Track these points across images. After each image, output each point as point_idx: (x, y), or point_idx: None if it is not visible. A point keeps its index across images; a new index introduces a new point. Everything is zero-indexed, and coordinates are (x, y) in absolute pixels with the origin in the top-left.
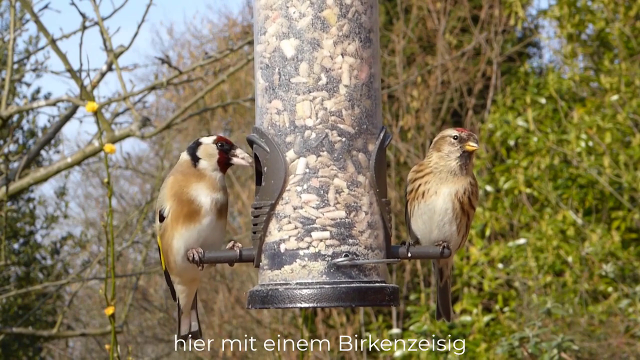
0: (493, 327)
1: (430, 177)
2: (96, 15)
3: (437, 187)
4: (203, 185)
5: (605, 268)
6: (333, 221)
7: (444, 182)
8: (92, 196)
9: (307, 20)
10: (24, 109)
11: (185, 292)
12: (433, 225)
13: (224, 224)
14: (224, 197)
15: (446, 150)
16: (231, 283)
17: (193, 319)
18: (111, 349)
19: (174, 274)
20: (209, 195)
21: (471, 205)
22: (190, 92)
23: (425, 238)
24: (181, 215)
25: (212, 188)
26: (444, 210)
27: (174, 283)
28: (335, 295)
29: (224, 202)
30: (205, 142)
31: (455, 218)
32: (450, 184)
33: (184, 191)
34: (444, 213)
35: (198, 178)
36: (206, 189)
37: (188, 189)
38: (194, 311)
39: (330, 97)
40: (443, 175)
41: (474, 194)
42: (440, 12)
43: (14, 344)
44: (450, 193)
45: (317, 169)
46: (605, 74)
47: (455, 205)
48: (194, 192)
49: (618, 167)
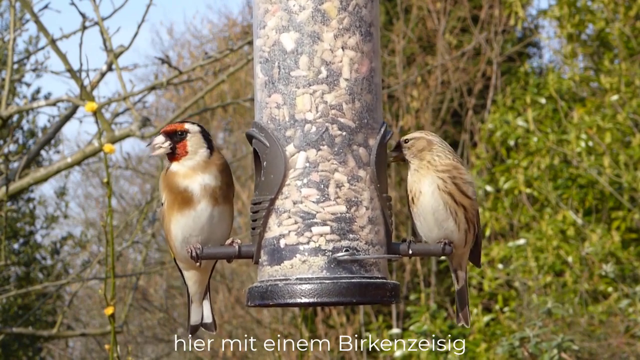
0: (493, 327)
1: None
2: (96, 15)
3: (417, 185)
4: (189, 173)
5: (605, 268)
6: (333, 216)
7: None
8: (92, 196)
9: (307, 13)
10: (24, 109)
11: (192, 280)
12: (431, 225)
13: (225, 211)
14: (217, 181)
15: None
16: (231, 283)
17: (206, 309)
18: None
19: (178, 259)
20: (195, 180)
21: (463, 193)
22: (190, 92)
23: (428, 238)
24: (175, 203)
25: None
26: (436, 208)
27: (182, 270)
28: (336, 291)
29: (216, 186)
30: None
31: (450, 213)
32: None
33: (174, 180)
34: (437, 211)
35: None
36: (192, 176)
37: (176, 177)
38: (206, 302)
39: (330, 90)
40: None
41: (457, 179)
42: (440, 12)
43: (14, 344)
44: (434, 190)
45: (318, 163)
46: (605, 74)
47: (445, 199)
48: (182, 181)
49: (618, 167)
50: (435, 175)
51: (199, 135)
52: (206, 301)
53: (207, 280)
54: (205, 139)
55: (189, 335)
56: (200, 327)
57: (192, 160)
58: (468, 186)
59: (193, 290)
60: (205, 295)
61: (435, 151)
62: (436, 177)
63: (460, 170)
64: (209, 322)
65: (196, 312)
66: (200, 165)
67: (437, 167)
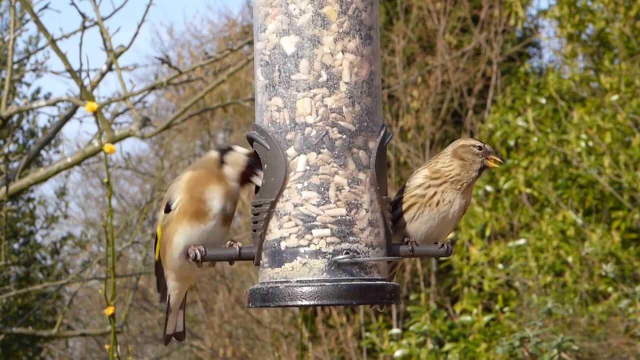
0: (493, 327)
1: (447, 187)
2: (96, 15)
3: (453, 197)
4: (220, 189)
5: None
6: (334, 219)
7: (460, 193)
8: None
9: (307, 17)
10: (24, 109)
11: (177, 290)
12: (435, 228)
13: (227, 231)
14: (233, 208)
15: (469, 160)
16: (231, 283)
17: (180, 318)
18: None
19: (168, 269)
20: (221, 201)
21: (465, 211)
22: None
23: (422, 239)
24: (189, 212)
25: (227, 195)
26: (454, 218)
27: (167, 279)
28: (336, 293)
29: (231, 213)
30: (238, 150)
31: (456, 223)
32: (465, 194)
33: (200, 189)
34: (452, 220)
35: (218, 181)
36: (221, 194)
37: (204, 187)
38: (181, 311)
39: (330, 94)
40: (459, 186)
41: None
42: (440, 12)
43: (14, 344)
44: (462, 204)
45: (318, 166)
46: (605, 74)
47: (462, 213)
48: (209, 194)
49: (618, 167)
50: (466, 198)
51: None
52: (181, 310)
53: (187, 290)
54: None
55: (165, 344)
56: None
57: (237, 184)
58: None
59: (174, 300)
60: (182, 304)
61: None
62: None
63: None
64: (180, 330)
65: (172, 322)
66: (231, 189)
67: (469, 193)
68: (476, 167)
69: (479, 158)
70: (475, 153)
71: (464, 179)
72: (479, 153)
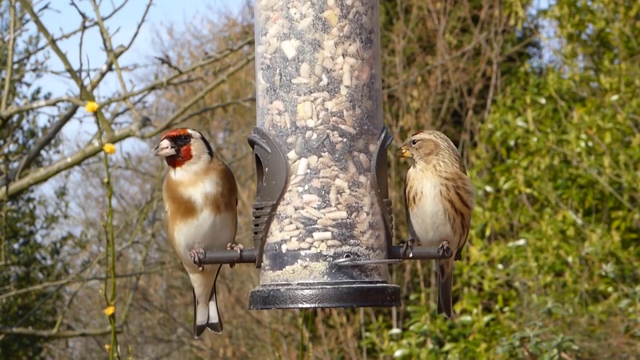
0: (493, 327)
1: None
2: (96, 15)
3: (420, 186)
4: (190, 180)
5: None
6: (334, 222)
7: (421, 180)
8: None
9: (308, 21)
10: (24, 109)
11: (198, 282)
12: (427, 227)
13: (228, 218)
14: (219, 187)
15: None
16: (231, 283)
17: (212, 310)
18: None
19: (183, 263)
20: (198, 189)
21: (464, 203)
22: (190, 92)
23: (422, 238)
24: (178, 213)
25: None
26: (435, 212)
27: (188, 273)
28: (337, 296)
29: (217, 192)
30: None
31: (448, 219)
32: (427, 181)
33: (177, 190)
34: (435, 215)
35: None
36: (194, 184)
37: (179, 187)
38: (212, 302)
39: (331, 97)
40: (417, 175)
41: (460, 189)
42: (440, 12)
43: (14, 344)
44: (436, 194)
45: (319, 170)
46: (605, 74)
47: (445, 206)
48: (185, 190)
49: (618, 167)
50: (438, 181)
51: (201, 140)
52: (212, 302)
53: (213, 282)
54: (206, 145)
55: (196, 336)
56: (206, 328)
57: (196, 164)
58: (469, 196)
59: (199, 292)
60: (211, 296)
61: (441, 156)
62: (439, 183)
63: (465, 180)
64: (215, 322)
65: (202, 313)
66: (202, 170)
67: (442, 174)
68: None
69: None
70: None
71: (415, 168)
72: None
